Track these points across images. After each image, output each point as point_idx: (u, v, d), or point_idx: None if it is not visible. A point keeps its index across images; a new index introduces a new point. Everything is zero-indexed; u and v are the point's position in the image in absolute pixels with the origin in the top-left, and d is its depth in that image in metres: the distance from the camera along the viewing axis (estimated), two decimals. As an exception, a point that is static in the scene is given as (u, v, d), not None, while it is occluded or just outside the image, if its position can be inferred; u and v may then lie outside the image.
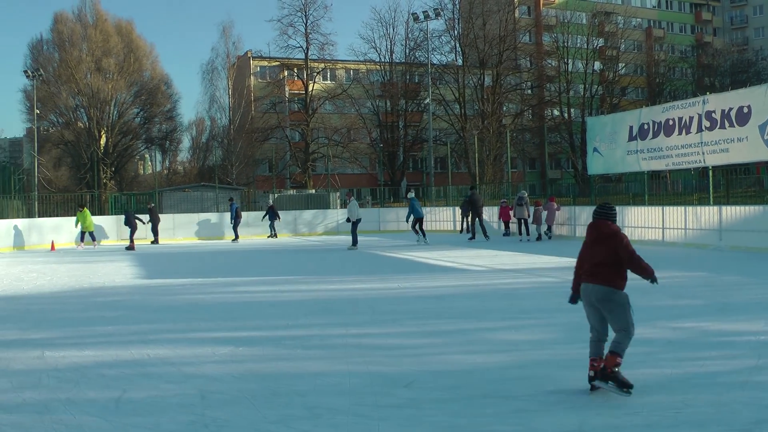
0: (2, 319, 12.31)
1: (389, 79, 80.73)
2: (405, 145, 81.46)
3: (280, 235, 38.87)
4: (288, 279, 18.24)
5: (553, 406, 6.43)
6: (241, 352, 9.10)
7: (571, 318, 10.93)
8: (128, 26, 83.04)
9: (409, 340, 9.81)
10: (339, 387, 7.29)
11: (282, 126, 74.83)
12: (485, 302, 13.06)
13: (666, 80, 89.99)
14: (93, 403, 6.84)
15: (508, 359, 8.39)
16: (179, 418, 6.33)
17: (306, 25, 73.01)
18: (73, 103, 78.46)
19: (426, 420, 6.16)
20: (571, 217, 30.80)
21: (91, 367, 8.41)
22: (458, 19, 77.49)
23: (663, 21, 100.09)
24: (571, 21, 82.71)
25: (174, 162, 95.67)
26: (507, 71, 77.65)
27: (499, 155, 67.19)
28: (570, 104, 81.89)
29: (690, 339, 9.20)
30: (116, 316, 12.44)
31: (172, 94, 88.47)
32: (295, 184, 71.46)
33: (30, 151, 77.18)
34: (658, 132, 26.67)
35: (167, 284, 17.80)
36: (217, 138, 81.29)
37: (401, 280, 17.17)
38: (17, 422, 6.32)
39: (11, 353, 9.28)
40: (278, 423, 6.15)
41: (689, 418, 6.00)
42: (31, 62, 77.64)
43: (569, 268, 18.54)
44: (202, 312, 12.68)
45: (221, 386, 7.42)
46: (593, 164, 31.04)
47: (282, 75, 77.74)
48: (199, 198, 42.94)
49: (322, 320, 11.52)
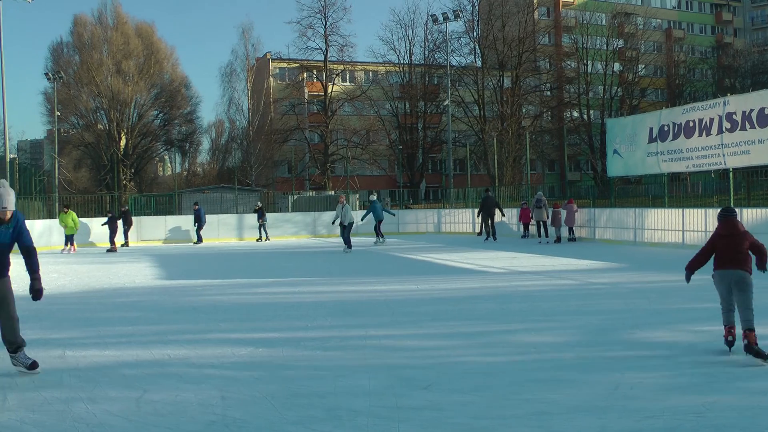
0: (24, 319, 12.32)
1: (408, 80, 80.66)
2: (424, 147, 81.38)
3: (301, 236, 38.89)
4: (307, 280, 18.25)
5: (575, 409, 6.40)
6: (261, 353, 9.11)
7: (591, 320, 10.91)
8: (149, 29, 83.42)
9: (429, 341, 9.80)
10: (359, 388, 7.28)
11: (301, 128, 74.91)
12: (505, 304, 13.02)
13: (686, 81, 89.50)
14: (114, 402, 6.86)
15: (529, 361, 8.35)
16: (199, 418, 6.34)
17: (325, 26, 73.20)
18: (93, 105, 78.93)
19: (446, 422, 6.15)
20: (590, 219, 30.69)
21: (111, 367, 8.45)
22: (477, 20, 77.35)
23: (683, 22, 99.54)
24: (590, 22, 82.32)
25: (193, 164, 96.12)
26: (526, 73, 77.48)
27: (519, 157, 67.01)
28: (589, 106, 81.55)
29: (711, 342, 9.13)
30: (137, 317, 12.48)
31: (192, 97, 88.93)
32: (315, 186, 71.51)
33: (51, 153, 77.65)
34: (678, 134, 26.52)
35: (187, 285, 17.85)
36: (237, 140, 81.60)
37: (420, 281, 17.16)
38: (39, 421, 6.35)
39: (33, 352, 9.29)
40: (298, 424, 6.15)
41: (711, 422, 5.95)
42: (52, 65, 78.10)
43: (589, 271, 18.53)
44: (222, 313, 12.71)
45: (241, 387, 7.43)
46: (613, 166, 30.91)
47: (301, 77, 77.85)
48: (219, 199, 43.11)
49: (342, 322, 11.52)
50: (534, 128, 74.78)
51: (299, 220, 40.84)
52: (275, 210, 45.30)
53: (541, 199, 31.15)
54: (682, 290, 14.29)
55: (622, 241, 28.40)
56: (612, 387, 7.06)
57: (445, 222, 41.69)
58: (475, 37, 77.76)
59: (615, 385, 7.13)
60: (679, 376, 7.45)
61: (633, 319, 10.95)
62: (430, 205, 56.31)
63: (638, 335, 9.73)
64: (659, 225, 26.80)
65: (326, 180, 71.75)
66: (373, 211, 31.03)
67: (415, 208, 50.04)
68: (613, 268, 19.36)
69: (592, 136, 78.02)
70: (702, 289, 14.13)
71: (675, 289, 14.36)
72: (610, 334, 9.81)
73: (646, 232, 27.44)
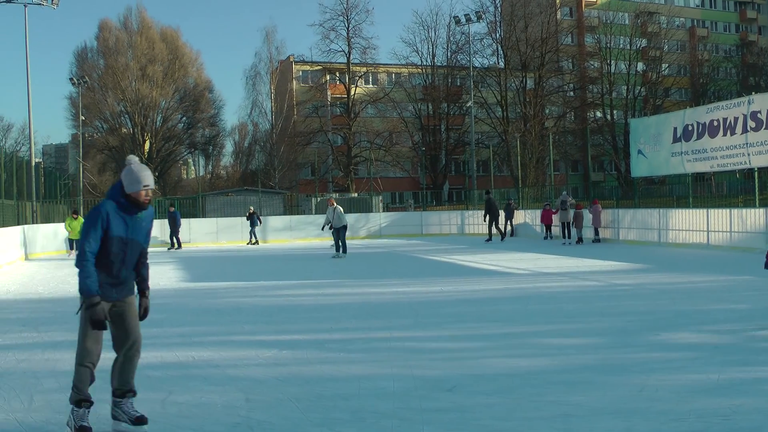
0: (49, 321, 12.46)
1: (431, 82, 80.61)
2: (447, 149, 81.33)
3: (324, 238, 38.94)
4: (330, 282, 18.28)
5: (599, 412, 6.36)
6: (285, 355, 9.12)
7: (615, 322, 10.86)
8: (173, 33, 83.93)
9: (453, 343, 9.78)
10: (383, 390, 7.27)
11: (324, 130, 75.07)
12: (529, 305, 12.99)
13: (710, 80, 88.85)
14: (139, 403, 6.87)
15: (553, 363, 8.32)
16: (224, 420, 6.36)
17: (348, 29, 73.36)
18: (117, 109, 79.42)
19: (470, 423, 6.13)
20: (614, 220, 30.58)
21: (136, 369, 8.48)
22: (500, 21, 77.13)
23: (707, 20, 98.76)
24: (613, 21, 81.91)
25: (217, 166, 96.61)
26: (549, 73, 77.26)
27: (542, 158, 66.80)
28: (613, 106, 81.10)
29: (737, 344, 9.07)
30: (161, 319, 12.52)
31: (216, 100, 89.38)
32: (338, 188, 71.58)
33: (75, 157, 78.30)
34: (703, 133, 26.36)
35: (211, 287, 17.92)
36: (260, 142, 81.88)
37: (444, 283, 17.14)
38: (65, 422, 6.38)
39: (58, 354, 9.38)
40: (322, 426, 6.15)
41: (737, 425, 5.90)
42: (77, 70, 78.70)
43: (613, 272, 18.48)
44: (246, 315, 12.76)
45: (265, 389, 7.45)
46: (637, 166, 30.78)
47: (324, 79, 78.00)
48: (242, 202, 43.25)
49: (366, 323, 11.54)
50: (557, 129, 74.49)
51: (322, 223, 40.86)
52: (299, 212, 45.41)
53: (566, 200, 31.07)
54: (707, 291, 14.24)
55: (646, 241, 28.28)
56: (637, 389, 7.01)
57: (468, 223, 41.67)
58: (497, 38, 77.65)
59: (640, 387, 7.09)
60: (705, 379, 7.38)
61: (658, 321, 10.89)
62: (454, 207, 56.22)
63: (663, 337, 9.67)
64: (684, 225, 26.67)
65: (349, 182, 71.85)
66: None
67: (438, 209, 50.02)
68: (638, 269, 19.27)
69: (615, 136, 77.68)
70: (727, 291, 14.07)
71: (700, 290, 14.29)
72: (634, 336, 9.76)
73: (670, 233, 27.31)
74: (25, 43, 43.27)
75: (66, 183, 46.35)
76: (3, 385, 7.81)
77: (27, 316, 13.20)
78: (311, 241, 38.04)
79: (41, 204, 36.71)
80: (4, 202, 27.36)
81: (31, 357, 9.28)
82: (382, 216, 43.03)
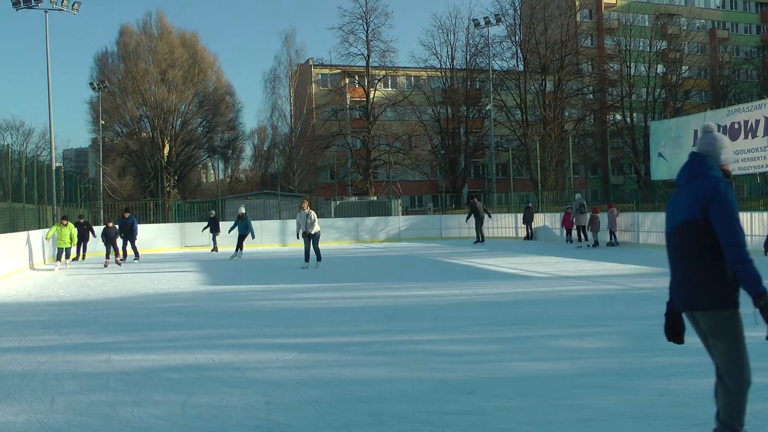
0: (70, 324, 12.53)
1: (450, 85, 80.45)
2: (466, 152, 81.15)
3: (344, 241, 38.96)
4: (350, 285, 18.29)
5: (620, 416, 6.34)
6: (305, 358, 9.12)
7: (636, 326, 10.82)
8: (193, 38, 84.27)
9: (473, 346, 9.78)
10: (403, 393, 7.27)
11: (343, 133, 75.08)
12: (549, 309, 12.94)
13: (730, 83, 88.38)
14: (159, 406, 6.92)
15: (574, 367, 8.29)
16: (244, 423, 6.37)
17: (367, 32, 73.28)
18: (137, 113, 79.82)
19: (490, 427, 6.12)
20: (634, 224, 30.45)
21: (156, 371, 8.52)
22: (519, 24, 76.86)
23: (727, 22, 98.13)
24: (633, 24, 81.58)
25: (236, 170, 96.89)
26: (569, 76, 77.00)
27: (561, 161, 66.64)
28: (632, 108, 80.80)
29: (758, 349, 9.01)
30: (181, 322, 12.59)
31: (235, 104, 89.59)
32: (357, 191, 71.59)
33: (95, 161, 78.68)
34: (724, 136, 26.21)
35: (231, 290, 17.98)
36: (279, 146, 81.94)
37: (463, 286, 17.11)
38: (86, 423, 6.42)
39: (79, 356, 9.45)
40: (342, 429, 6.15)
41: (759, 430, 5.88)
42: (97, 74, 79.17)
43: (634, 275, 18.39)
44: (266, 318, 12.78)
45: (285, 392, 7.46)
46: (657, 169, 30.66)
47: (343, 82, 78.00)
48: (262, 205, 43.34)
49: (385, 327, 11.54)
50: (577, 132, 74.23)
51: (341, 226, 41.00)
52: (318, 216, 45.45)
53: (584, 203, 31.05)
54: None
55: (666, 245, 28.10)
56: (658, 393, 6.98)
57: (487, 227, 41.58)
58: (517, 41, 77.38)
59: (661, 391, 7.06)
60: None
61: (679, 324, 10.82)
62: (473, 210, 56.10)
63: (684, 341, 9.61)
64: (705, 229, 26.45)
65: (369, 185, 71.81)
66: (239, 225, 29.97)
67: (457, 213, 49.95)
68: (658, 272, 19.16)
69: (635, 139, 77.40)
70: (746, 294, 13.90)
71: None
72: (655, 340, 9.68)
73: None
74: (45, 49, 43.53)
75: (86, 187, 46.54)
76: (25, 387, 7.85)
77: (48, 319, 13.29)
78: (331, 245, 38.05)
79: (62, 208, 36.89)
80: (26, 206, 27.53)
81: (52, 359, 9.33)
82: (401, 219, 43.02)
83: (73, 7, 44.42)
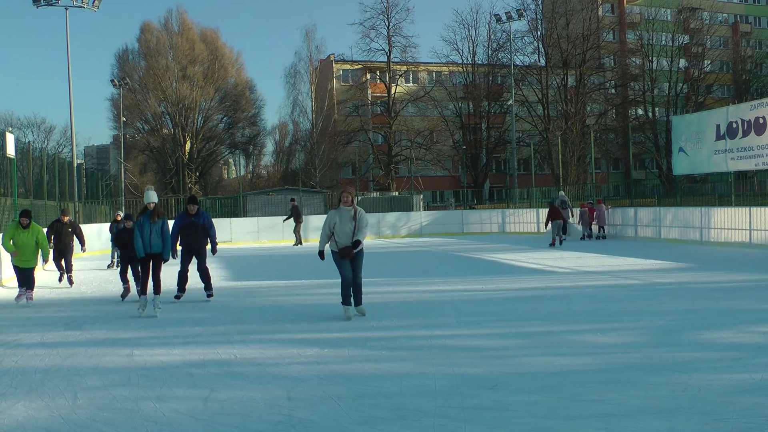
0: (92, 320, 12.60)
1: (472, 80, 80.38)
2: (488, 147, 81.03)
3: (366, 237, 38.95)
4: (372, 281, 18.24)
5: (642, 411, 6.31)
6: (327, 354, 9.14)
7: (657, 321, 10.78)
8: (213, 35, 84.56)
9: (494, 341, 9.77)
10: (425, 388, 7.27)
11: (365, 129, 75.19)
12: (570, 304, 12.91)
13: (753, 77, 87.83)
14: (181, 401, 6.95)
15: (595, 362, 8.26)
16: (266, 418, 6.39)
17: (388, 28, 73.38)
18: (158, 110, 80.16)
19: (512, 422, 6.11)
20: (656, 219, 30.31)
21: (179, 367, 8.56)
22: (541, 19, 76.63)
23: (750, 15, 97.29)
24: (655, 18, 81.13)
25: (258, 166, 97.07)
26: (590, 71, 76.71)
27: (583, 156, 66.45)
28: (654, 103, 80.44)
29: None
30: (203, 317, 12.63)
31: (256, 100, 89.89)
32: (378, 187, 71.64)
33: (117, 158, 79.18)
34: (749, 131, 26.03)
35: (253, 286, 18.02)
36: (300, 142, 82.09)
37: (485, 281, 17.11)
38: (109, 419, 6.46)
39: (102, 352, 9.50)
40: (364, 424, 6.16)
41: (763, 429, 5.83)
42: (118, 71, 79.58)
43: (655, 271, 18.34)
44: (288, 313, 12.80)
45: (307, 387, 7.47)
46: (679, 164, 30.50)
47: (364, 78, 78.04)
48: (283, 201, 43.39)
49: (407, 322, 11.53)
50: (598, 126, 74.00)
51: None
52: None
53: (565, 200, 31.72)
54: (749, 290, 14.07)
55: (687, 240, 28.01)
56: (679, 389, 6.95)
57: (509, 222, 41.52)
58: (538, 35, 77.20)
59: (682, 387, 7.02)
60: (749, 379, 7.29)
61: (700, 320, 10.79)
62: (494, 206, 56.07)
63: (705, 336, 9.58)
64: (726, 224, 26.35)
65: (390, 181, 71.87)
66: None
67: (479, 208, 49.91)
68: (679, 268, 19.09)
69: (657, 133, 77.06)
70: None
71: (742, 290, 14.14)
72: (676, 335, 9.66)
73: (712, 232, 27.00)
74: (66, 46, 43.81)
75: (107, 184, 46.86)
76: (48, 383, 7.90)
77: (70, 315, 13.37)
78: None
79: (83, 205, 37.11)
80: (47, 203, 27.66)
81: (75, 355, 9.38)
82: (422, 215, 42.99)
83: (93, 4, 44.64)
